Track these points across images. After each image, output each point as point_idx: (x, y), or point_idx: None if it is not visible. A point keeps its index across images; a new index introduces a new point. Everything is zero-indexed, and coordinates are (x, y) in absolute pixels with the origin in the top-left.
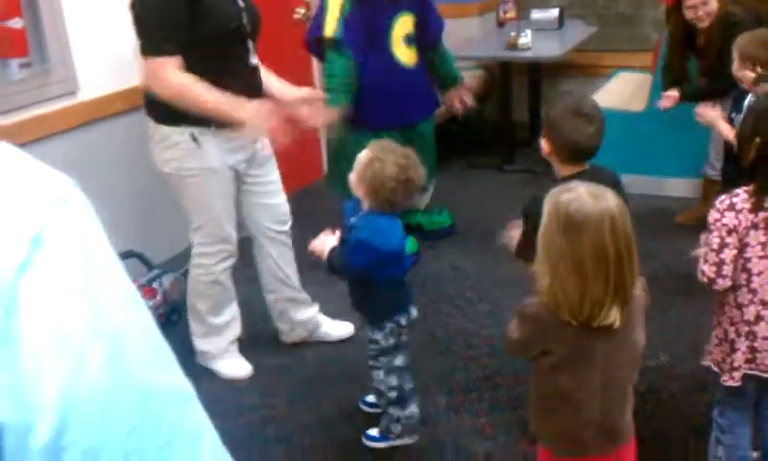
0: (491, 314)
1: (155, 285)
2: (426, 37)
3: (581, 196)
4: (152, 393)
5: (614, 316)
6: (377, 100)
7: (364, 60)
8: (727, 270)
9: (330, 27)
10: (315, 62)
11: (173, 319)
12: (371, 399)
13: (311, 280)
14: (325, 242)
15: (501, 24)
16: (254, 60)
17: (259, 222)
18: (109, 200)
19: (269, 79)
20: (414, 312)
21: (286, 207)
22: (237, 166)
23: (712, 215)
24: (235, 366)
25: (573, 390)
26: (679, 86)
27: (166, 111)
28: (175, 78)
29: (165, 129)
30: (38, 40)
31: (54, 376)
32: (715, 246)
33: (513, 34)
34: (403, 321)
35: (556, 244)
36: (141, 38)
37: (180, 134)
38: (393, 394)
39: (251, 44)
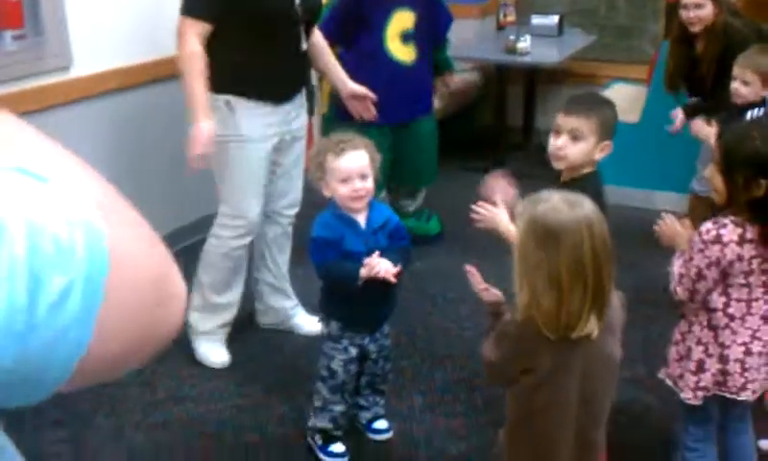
0: (472, 316)
1: None
2: (436, 34)
3: (555, 205)
4: None
5: (592, 326)
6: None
7: (344, 53)
8: (699, 297)
9: None
10: None
11: None
12: (381, 424)
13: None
14: (381, 260)
15: (501, 27)
16: (304, 45)
17: (268, 201)
18: None
19: (328, 62)
20: None
21: (298, 193)
22: (270, 143)
23: (695, 243)
24: (214, 353)
25: (552, 406)
26: (683, 107)
27: (210, 78)
28: (189, 44)
29: (209, 95)
30: (34, 13)
31: None
32: (693, 275)
33: (512, 37)
34: None
35: (532, 257)
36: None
37: (215, 101)
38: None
39: (302, 31)
